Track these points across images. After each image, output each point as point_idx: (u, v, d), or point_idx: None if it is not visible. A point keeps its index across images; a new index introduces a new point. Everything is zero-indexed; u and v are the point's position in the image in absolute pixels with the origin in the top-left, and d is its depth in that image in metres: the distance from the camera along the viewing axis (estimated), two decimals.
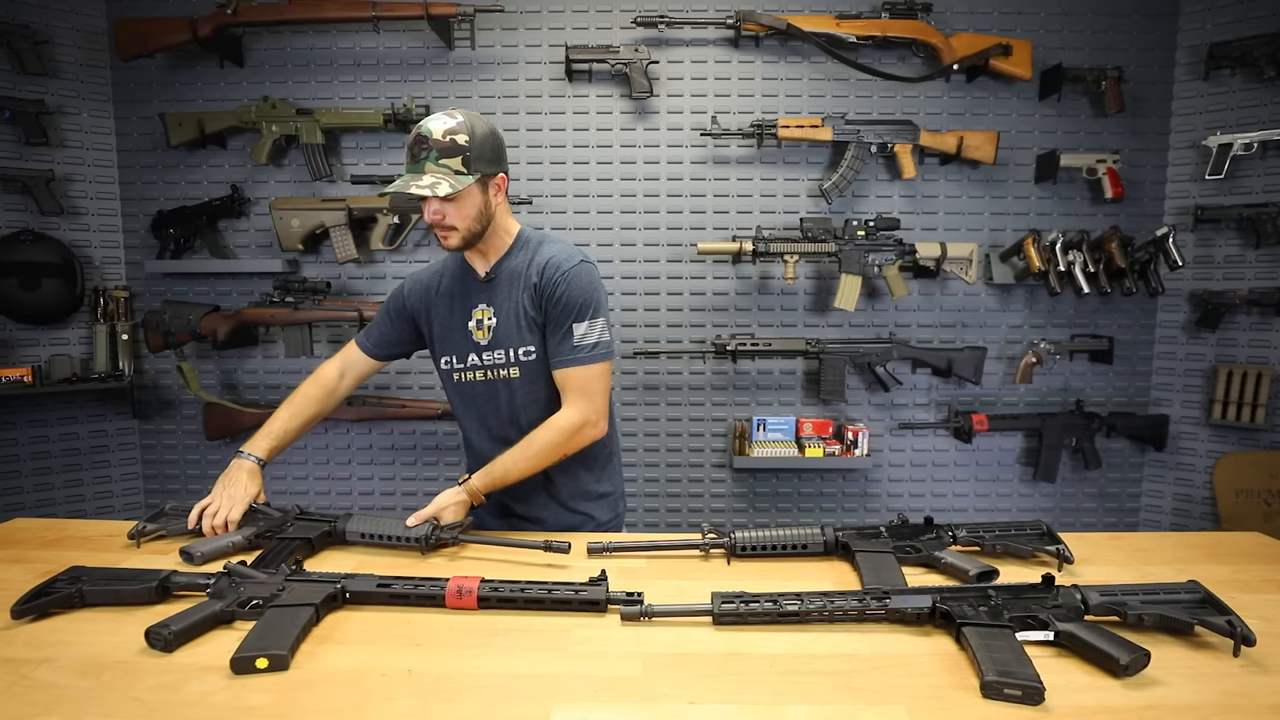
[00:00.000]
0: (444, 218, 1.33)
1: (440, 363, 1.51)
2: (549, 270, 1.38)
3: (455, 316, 1.47)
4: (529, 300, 1.40)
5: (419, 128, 1.32)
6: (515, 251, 1.45)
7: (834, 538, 1.23)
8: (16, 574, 1.15)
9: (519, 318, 1.41)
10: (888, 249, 2.37)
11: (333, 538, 1.29)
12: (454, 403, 1.55)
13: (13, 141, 2.35)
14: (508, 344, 1.43)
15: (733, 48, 2.45)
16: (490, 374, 1.45)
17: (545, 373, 1.43)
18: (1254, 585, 1.13)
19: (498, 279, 1.44)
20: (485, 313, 1.44)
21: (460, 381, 1.49)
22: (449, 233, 1.36)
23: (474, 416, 1.50)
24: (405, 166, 1.34)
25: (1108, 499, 2.64)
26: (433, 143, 1.30)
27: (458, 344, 1.47)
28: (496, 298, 1.44)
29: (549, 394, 1.45)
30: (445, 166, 1.30)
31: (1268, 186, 2.36)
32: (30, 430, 2.46)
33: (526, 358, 1.42)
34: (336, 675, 0.87)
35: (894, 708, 0.81)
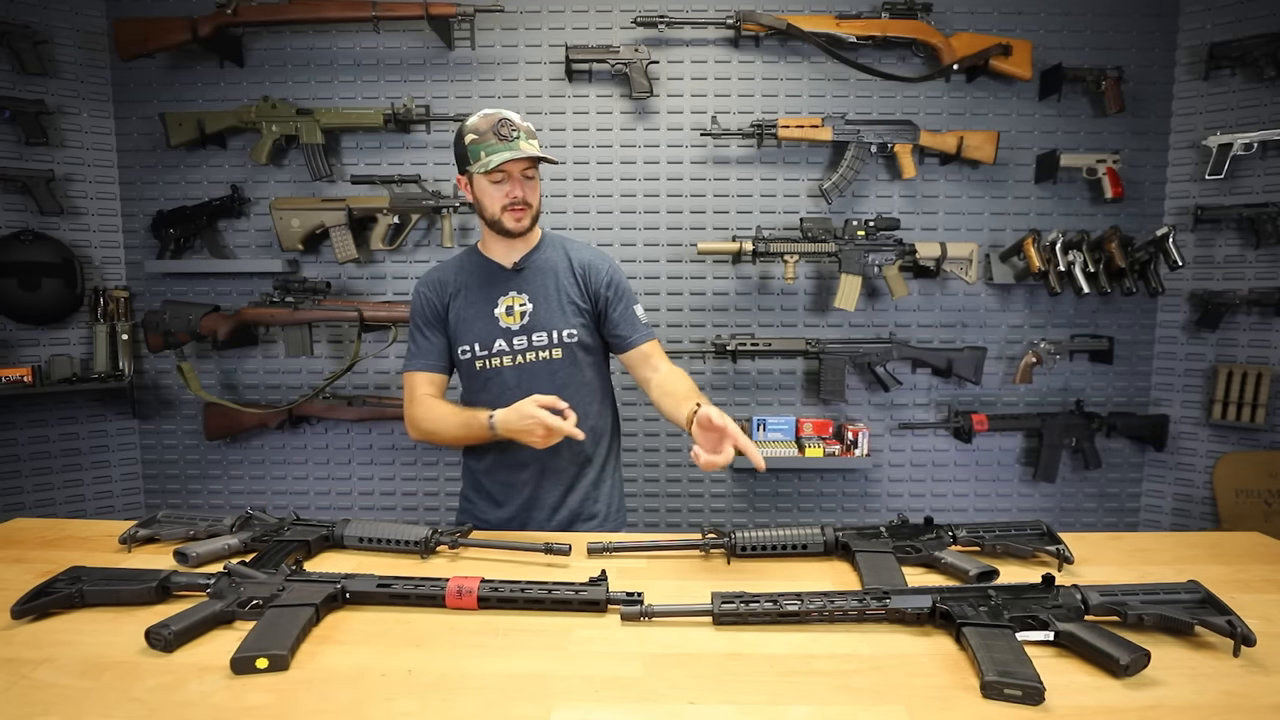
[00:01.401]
0: (529, 194, 1.42)
1: (459, 352, 1.50)
2: (597, 262, 1.52)
3: (477, 305, 1.49)
4: (573, 288, 1.49)
5: (498, 112, 1.39)
6: (544, 247, 1.53)
7: (834, 538, 1.23)
8: (16, 574, 1.15)
9: (562, 303, 1.48)
10: (888, 249, 2.37)
11: (330, 543, 1.28)
12: (471, 392, 1.54)
13: (13, 141, 2.35)
14: (551, 326, 1.47)
15: (733, 48, 2.45)
16: (524, 358, 1.47)
17: (588, 357, 1.52)
18: (1254, 585, 1.13)
19: (528, 269, 1.50)
20: (517, 299, 1.48)
21: (484, 369, 1.49)
22: (524, 211, 1.43)
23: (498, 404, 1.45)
24: (487, 148, 1.37)
25: (1108, 499, 2.64)
26: (518, 125, 1.39)
27: (480, 331, 1.48)
28: (529, 285, 1.49)
29: (598, 375, 1.55)
30: (533, 145, 1.40)
31: (1268, 186, 2.36)
32: (30, 430, 2.46)
33: (570, 339, 1.48)
34: (336, 675, 0.87)
35: (894, 708, 0.81)
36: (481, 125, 1.38)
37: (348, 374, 2.47)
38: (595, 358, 1.55)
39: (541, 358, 1.48)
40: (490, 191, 1.42)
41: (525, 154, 1.36)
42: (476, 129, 1.39)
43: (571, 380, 1.49)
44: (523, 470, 1.50)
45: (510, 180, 1.40)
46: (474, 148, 1.38)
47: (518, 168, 1.40)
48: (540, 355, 1.47)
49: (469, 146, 1.39)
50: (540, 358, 1.47)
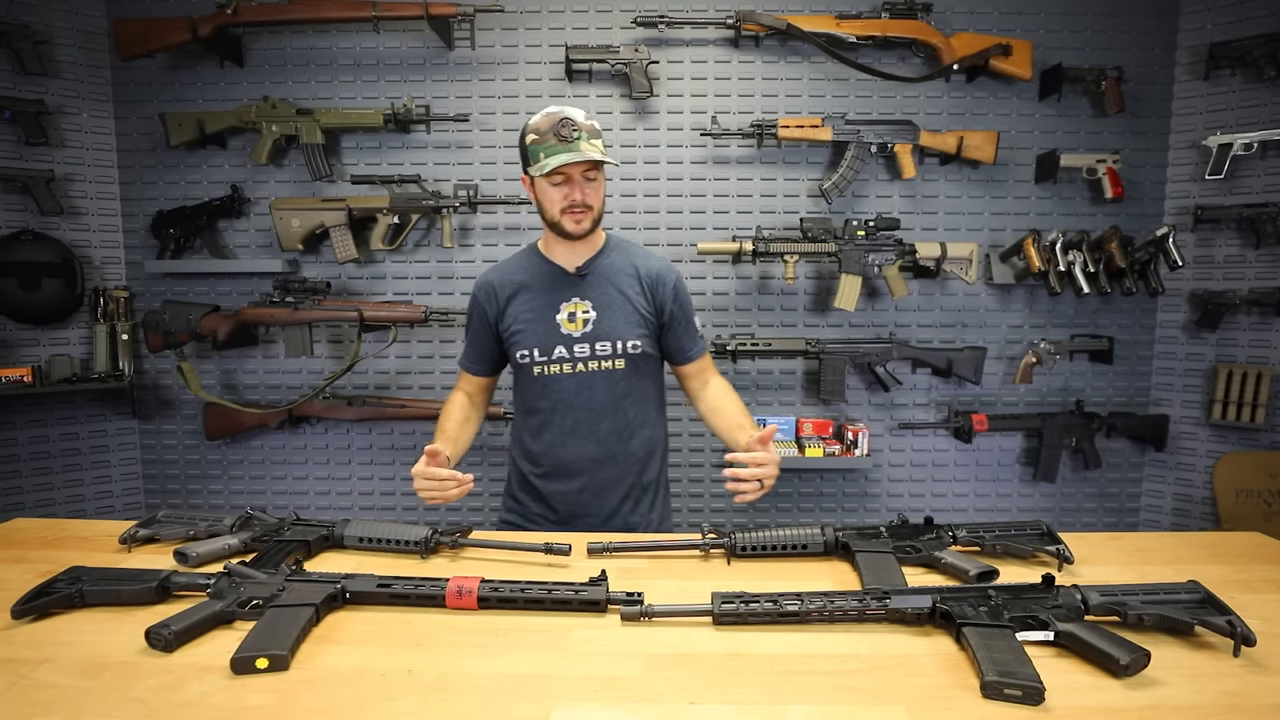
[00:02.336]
0: (588, 197, 1.39)
1: (518, 356, 1.48)
2: (664, 273, 1.51)
3: (537, 309, 1.47)
4: (639, 298, 1.47)
5: (560, 111, 1.36)
6: (609, 252, 1.51)
7: (834, 538, 1.23)
8: (16, 574, 1.15)
9: (627, 312, 1.46)
10: (888, 249, 2.37)
11: (330, 543, 1.28)
12: (526, 397, 1.52)
13: (13, 141, 2.35)
14: (615, 336, 1.45)
15: (733, 48, 2.45)
16: (585, 366, 1.45)
17: (649, 367, 1.51)
18: (1254, 585, 1.13)
19: (592, 275, 1.47)
20: (579, 306, 1.46)
21: (542, 375, 1.47)
22: (585, 214, 1.40)
23: (555, 411, 1.48)
24: (547, 149, 1.34)
25: (1108, 499, 2.64)
26: (581, 125, 1.35)
27: (540, 336, 1.46)
28: (593, 291, 1.46)
29: (655, 387, 1.54)
30: (595, 146, 1.36)
31: (1268, 186, 2.36)
32: (30, 430, 2.46)
33: (634, 350, 1.46)
34: (336, 675, 0.87)
35: (894, 708, 0.81)
36: (542, 125, 1.35)
37: (348, 374, 2.47)
38: (655, 368, 1.54)
39: (604, 367, 1.46)
40: (550, 193, 1.40)
41: (583, 157, 1.34)
42: (537, 129, 1.36)
43: (631, 391, 1.48)
44: (576, 478, 1.49)
45: (570, 183, 1.38)
46: (534, 149, 1.36)
47: (578, 169, 1.37)
48: (602, 365, 1.46)
49: (529, 147, 1.37)
50: (602, 367, 1.46)
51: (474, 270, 2.53)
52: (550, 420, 1.49)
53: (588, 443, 1.47)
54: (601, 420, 1.47)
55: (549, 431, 1.49)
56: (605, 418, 1.47)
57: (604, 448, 1.48)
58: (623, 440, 1.49)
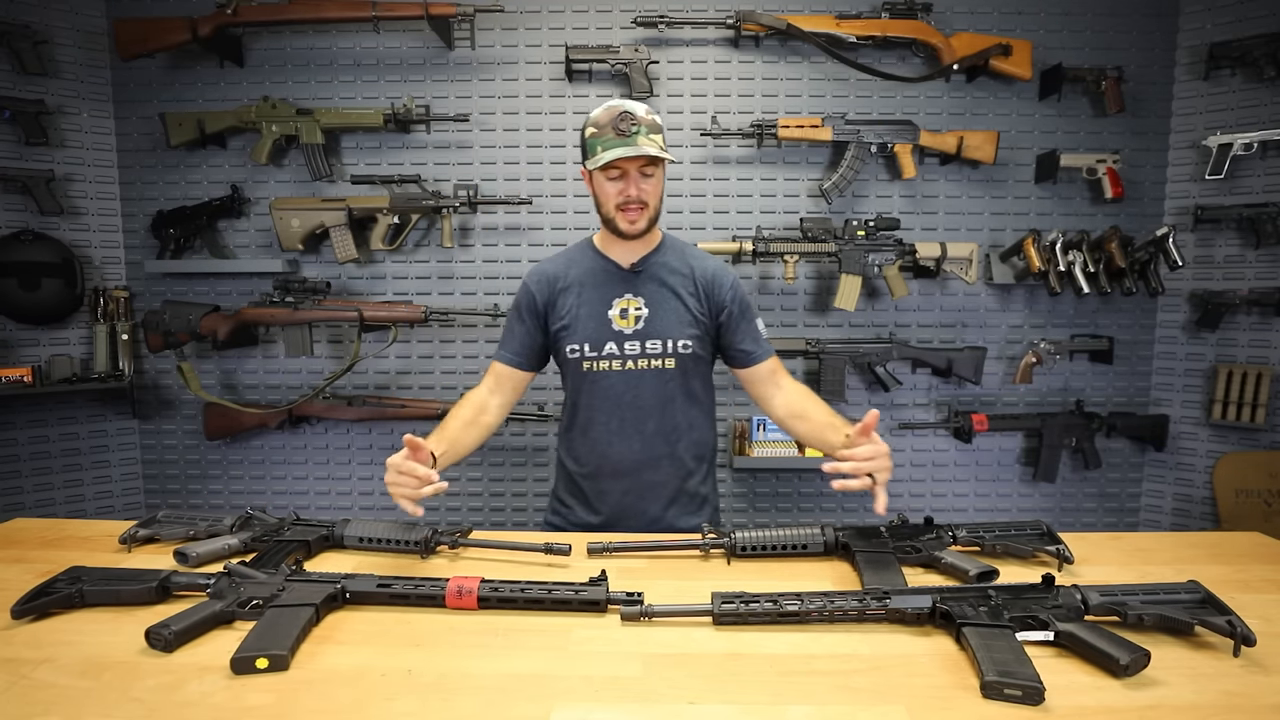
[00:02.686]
0: (644, 194, 1.36)
1: (567, 350, 1.46)
2: (720, 275, 1.47)
3: (590, 304, 1.45)
4: (691, 298, 1.45)
5: (620, 105, 1.34)
6: (665, 250, 1.49)
7: (834, 538, 1.23)
8: (16, 574, 1.15)
9: (680, 312, 1.44)
10: (888, 249, 2.37)
11: (330, 543, 1.28)
12: (574, 392, 1.49)
13: (13, 141, 2.35)
14: (666, 334, 1.43)
15: (733, 48, 2.45)
16: (635, 364, 1.43)
17: (699, 370, 1.48)
18: (1254, 585, 1.13)
19: (646, 271, 1.46)
20: (632, 303, 1.44)
21: (591, 371, 1.45)
22: (640, 212, 1.38)
23: (602, 408, 1.46)
24: (604, 142, 1.33)
25: (1108, 499, 2.64)
26: (640, 119, 1.33)
27: (591, 332, 1.44)
28: (646, 289, 1.45)
29: (705, 389, 1.51)
30: (654, 141, 1.33)
31: (1268, 186, 2.36)
32: (30, 430, 2.46)
33: (684, 350, 1.44)
34: (336, 675, 0.87)
35: (894, 708, 0.81)
36: (602, 118, 1.34)
37: (348, 374, 2.47)
38: (705, 370, 1.51)
39: (653, 366, 1.44)
40: (605, 188, 1.38)
41: (638, 152, 1.30)
42: (597, 122, 1.35)
43: (680, 392, 1.46)
44: (621, 479, 1.47)
45: (626, 178, 1.35)
46: (593, 141, 1.34)
47: (634, 165, 1.34)
48: (652, 363, 1.44)
49: (588, 140, 1.36)
50: (651, 366, 1.44)
51: (474, 270, 2.53)
52: (596, 418, 1.47)
53: (633, 442, 1.45)
54: (649, 420, 1.45)
55: (595, 429, 1.47)
56: (653, 417, 1.45)
57: (650, 448, 1.46)
58: (669, 443, 1.47)
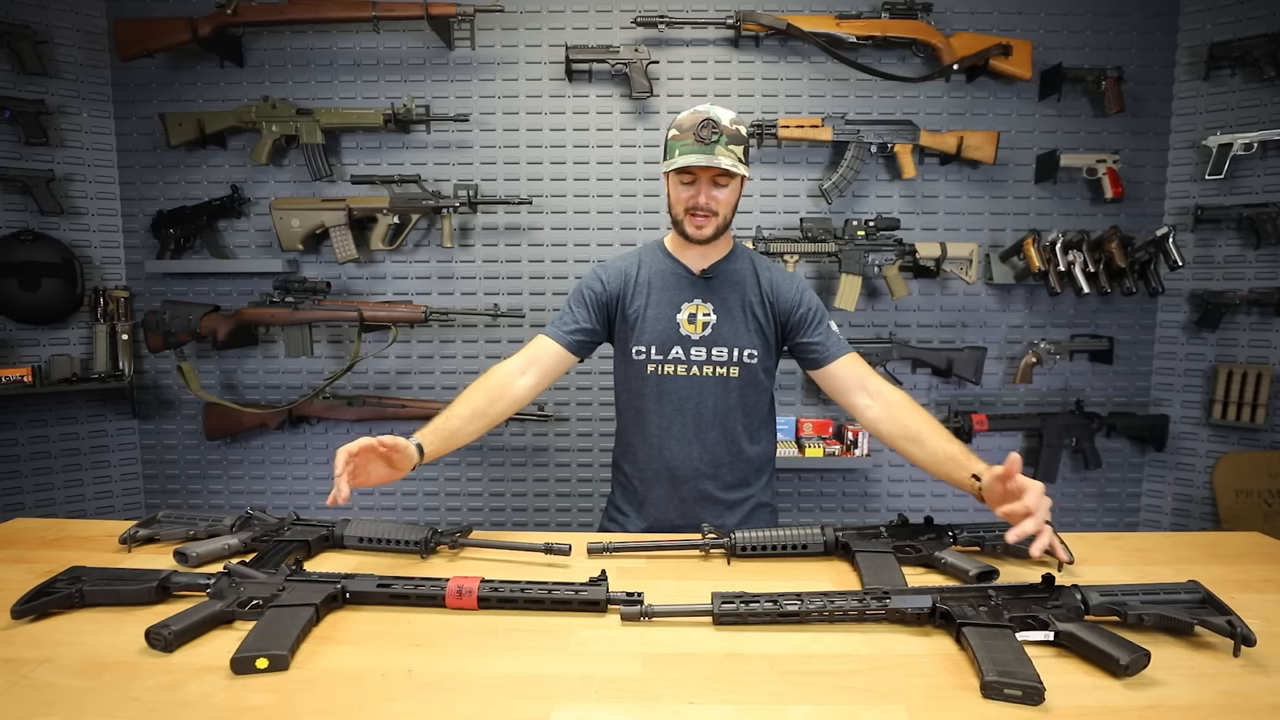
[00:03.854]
0: (714, 203, 1.36)
1: (632, 351, 1.44)
2: (783, 282, 1.46)
3: (658, 306, 1.43)
4: (759, 307, 1.44)
5: (704, 112, 1.32)
6: (735, 257, 1.48)
7: (834, 538, 1.23)
8: (16, 574, 1.15)
9: (747, 321, 1.44)
10: (888, 249, 2.37)
11: (330, 543, 1.28)
12: (636, 395, 1.47)
13: (13, 141, 2.35)
14: (733, 343, 1.42)
15: (733, 48, 2.45)
16: (700, 370, 1.43)
17: (763, 380, 1.47)
18: (1254, 585, 1.13)
19: (716, 278, 1.45)
20: (701, 308, 1.43)
21: (655, 374, 1.44)
22: (708, 220, 1.37)
23: (664, 413, 1.44)
24: (682, 147, 1.32)
25: (1108, 499, 2.64)
26: (723, 128, 1.32)
27: (659, 334, 1.42)
28: (715, 296, 1.44)
29: (767, 401, 1.50)
30: (732, 152, 1.33)
31: (1268, 186, 2.36)
32: (30, 430, 2.46)
33: (750, 360, 1.43)
34: (336, 675, 0.87)
35: (894, 708, 0.80)
36: (685, 122, 1.33)
37: (348, 374, 2.47)
38: (768, 381, 1.50)
39: (719, 373, 1.43)
40: (676, 193, 1.38)
41: (708, 162, 1.30)
42: (680, 125, 1.34)
43: (742, 402, 1.45)
44: (681, 485, 1.45)
45: (696, 185, 1.35)
46: (672, 144, 1.34)
47: (707, 173, 1.34)
48: (717, 371, 1.43)
49: (669, 142, 1.35)
50: (717, 373, 1.43)
51: (474, 270, 2.53)
52: (658, 421, 1.45)
53: (693, 448, 1.44)
54: (711, 428, 1.44)
55: (655, 433, 1.46)
56: (715, 426, 1.44)
57: (711, 456, 1.45)
58: (730, 453, 1.46)
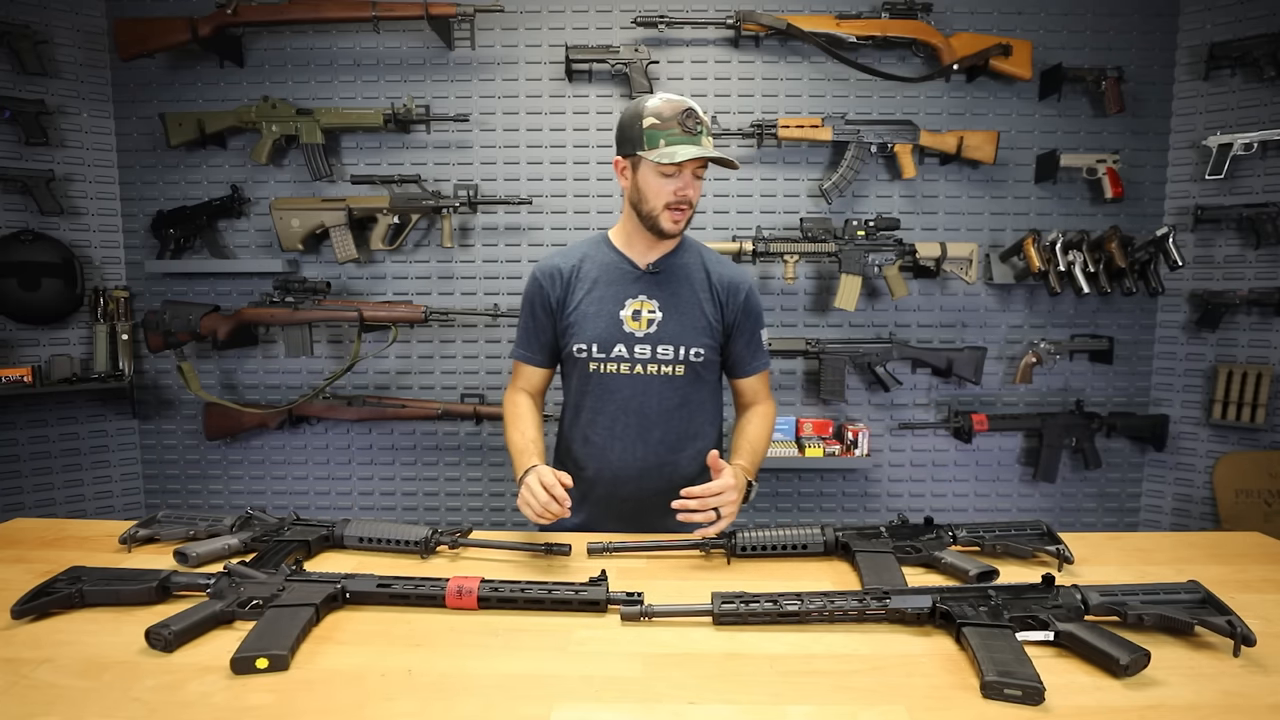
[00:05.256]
0: (696, 195, 1.34)
1: (574, 349, 1.41)
2: (738, 280, 1.44)
3: (600, 302, 1.40)
4: (709, 304, 1.41)
5: (683, 101, 1.30)
6: (682, 251, 1.45)
7: (834, 538, 1.23)
8: (16, 574, 1.15)
9: (694, 317, 1.41)
10: (888, 249, 2.37)
11: (330, 543, 1.28)
12: (578, 393, 1.45)
13: (13, 141, 2.35)
14: (679, 341, 1.39)
15: (733, 48, 2.45)
16: (644, 369, 1.39)
17: (709, 377, 1.45)
18: (1254, 585, 1.13)
19: (664, 273, 1.42)
20: (646, 304, 1.39)
21: (598, 372, 1.41)
22: (685, 212, 1.35)
23: (607, 412, 1.42)
24: (669, 136, 1.28)
25: (1108, 499, 2.64)
26: (702, 120, 1.31)
27: (600, 331, 1.39)
28: (662, 292, 1.40)
29: (713, 397, 1.49)
30: (711, 143, 1.32)
31: (1268, 186, 2.36)
32: (30, 430, 2.46)
33: (696, 359, 1.41)
34: (336, 675, 0.87)
35: (894, 708, 0.81)
36: (665, 110, 1.28)
37: (348, 374, 2.47)
38: (715, 377, 1.49)
39: (663, 372, 1.40)
40: (657, 185, 1.32)
41: (713, 154, 1.28)
42: (659, 114, 1.28)
43: (689, 400, 1.43)
44: (623, 486, 1.44)
45: (682, 177, 1.31)
46: (653, 133, 1.28)
47: (692, 165, 1.31)
48: (662, 369, 1.39)
49: (647, 130, 1.28)
50: (661, 372, 1.40)
51: (474, 270, 2.53)
52: (600, 421, 1.43)
53: (637, 448, 1.42)
54: (655, 428, 1.41)
55: (598, 433, 1.43)
56: (659, 425, 1.41)
57: (654, 456, 1.42)
58: (674, 451, 1.44)
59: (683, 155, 1.27)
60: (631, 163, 1.34)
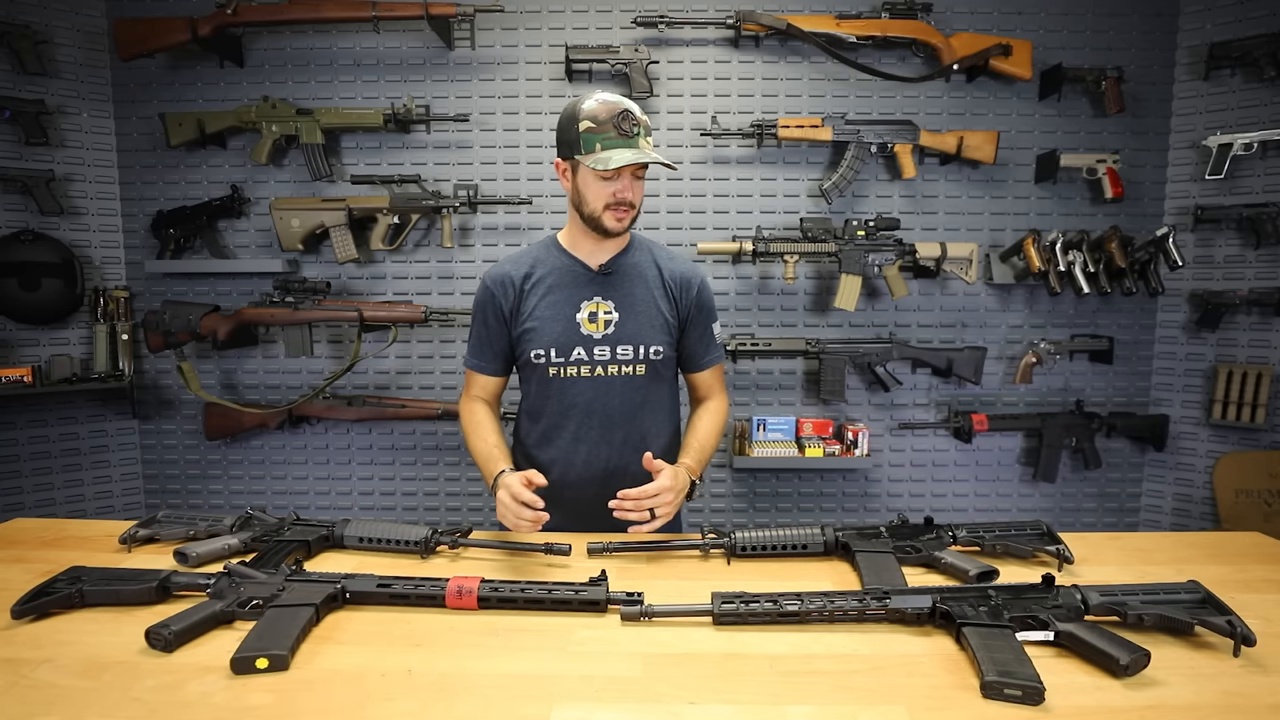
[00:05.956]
0: (636, 196, 1.34)
1: (531, 355, 1.40)
2: (690, 275, 1.45)
3: (555, 306, 1.39)
4: (663, 301, 1.42)
5: (619, 103, 1.28)
6: (633, 250, 1.45)
7: (834, 538, 1.23)
8: (16, 574, 1.15)
9: (650, 315, 1.41)
10: (888, 249, 2.37)
11: (330, 543, 1.28)
12: (537, 403, 1.45)
13: (13, 141, 2.35)
14: (638, 340, 1.40)
15: (733, 48, 2.45)
16: (605, 370, 1.39)
17: (668, 373, 1.46)
18: (1254, 585, 1.13)
19: (616, 273, 1.42)
20: (602, 305, 1.39)
21: (558, 377, 1.40)
22: (627, 213, 1.34)
23: (570, 416, 1.41)
24: (604, 140, 1.27)
25: (1108, 499, 2.64)
26: (640, 120, 1.29)
27: (558, 335, 1.38)
28: (616, 292, 1.40)
29: (671, 394, 1.49)
30: (649, 144, 1.31)
31: (1268, 186, 2.36)
32: (30, 430, 2.46)
33: (655, 357, 1.41)
34: (336, 675, 0.87)
35: (894, 708, 0.81)
36: (600, 113, 1.27)
37: (348, 374, 2.47)
38: (672, 374, 1.50)
39: (624, 372, 1.40)
40: (595, 187, 1.31)
41: (648, 159, 1.28)
42: (595, 117, 1.27)
43: (650, 398, 1.43)
44: (587, 488, 1.42)
45: (621, 179, 1.30)
46: (589, 137, 1.27)
47: (632, 168, 1.31)
48: (623, 370, 1.40)
49: (583, 134, 1.28)
50: (622, 372, 1.40)
51: (474, 270, 2.53)
52: (562, 425, 1.42)
53: (600, 450, 1.42)
54: (618, 429, 1.41)
55: (561, 438, 1.43)
56: (622, 426, 1.41)
57: (618, 457, 1.42)
58: (637, 451, 1.41)
59: (616, 162, 1.26)
60: (570, 165, 1.34)
